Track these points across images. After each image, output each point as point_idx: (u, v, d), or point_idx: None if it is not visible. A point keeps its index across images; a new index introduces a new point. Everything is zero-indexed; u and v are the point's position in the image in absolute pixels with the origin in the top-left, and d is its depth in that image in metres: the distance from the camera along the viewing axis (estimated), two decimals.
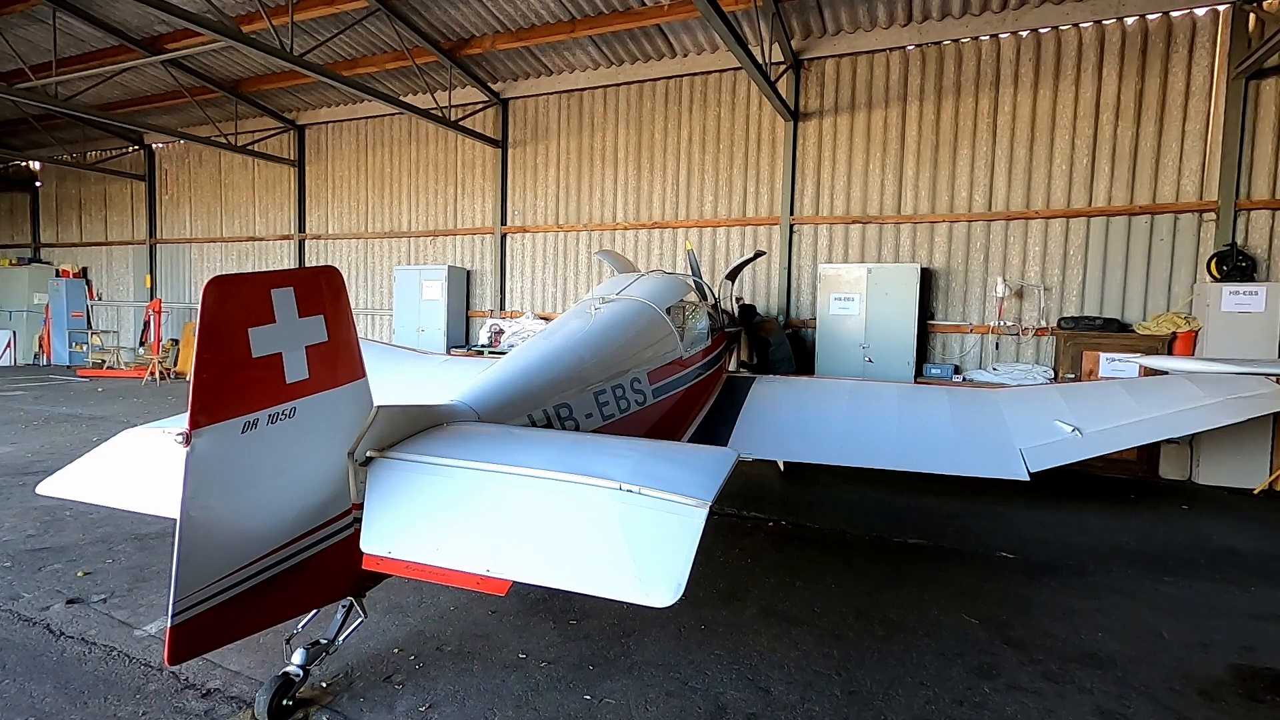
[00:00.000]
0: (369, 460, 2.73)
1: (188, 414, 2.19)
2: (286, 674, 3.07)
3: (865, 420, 5.24)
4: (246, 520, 2.44)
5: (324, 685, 3.28)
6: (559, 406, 3.83)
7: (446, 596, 4.25)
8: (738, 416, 5.49)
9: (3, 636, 3.72)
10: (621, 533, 2.29)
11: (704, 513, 2.20)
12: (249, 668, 3.41)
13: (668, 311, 5.32)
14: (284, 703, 3.03)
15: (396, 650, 3.62)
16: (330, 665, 3.45)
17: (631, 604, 2.18)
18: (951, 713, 3.14)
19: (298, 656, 3.12)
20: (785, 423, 5.39)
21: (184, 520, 2.21)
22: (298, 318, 2.47)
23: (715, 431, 5.27)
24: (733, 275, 8.71)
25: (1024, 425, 4.75)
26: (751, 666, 3.50)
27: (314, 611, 3.20)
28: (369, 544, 2.57)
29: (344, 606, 3.26)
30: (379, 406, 2.74)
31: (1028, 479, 4.21)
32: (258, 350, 2.34)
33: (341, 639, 3.25)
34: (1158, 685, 3.40)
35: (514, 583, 2.34)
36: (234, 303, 2.28)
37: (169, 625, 2.25)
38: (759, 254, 9.20)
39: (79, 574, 4.54)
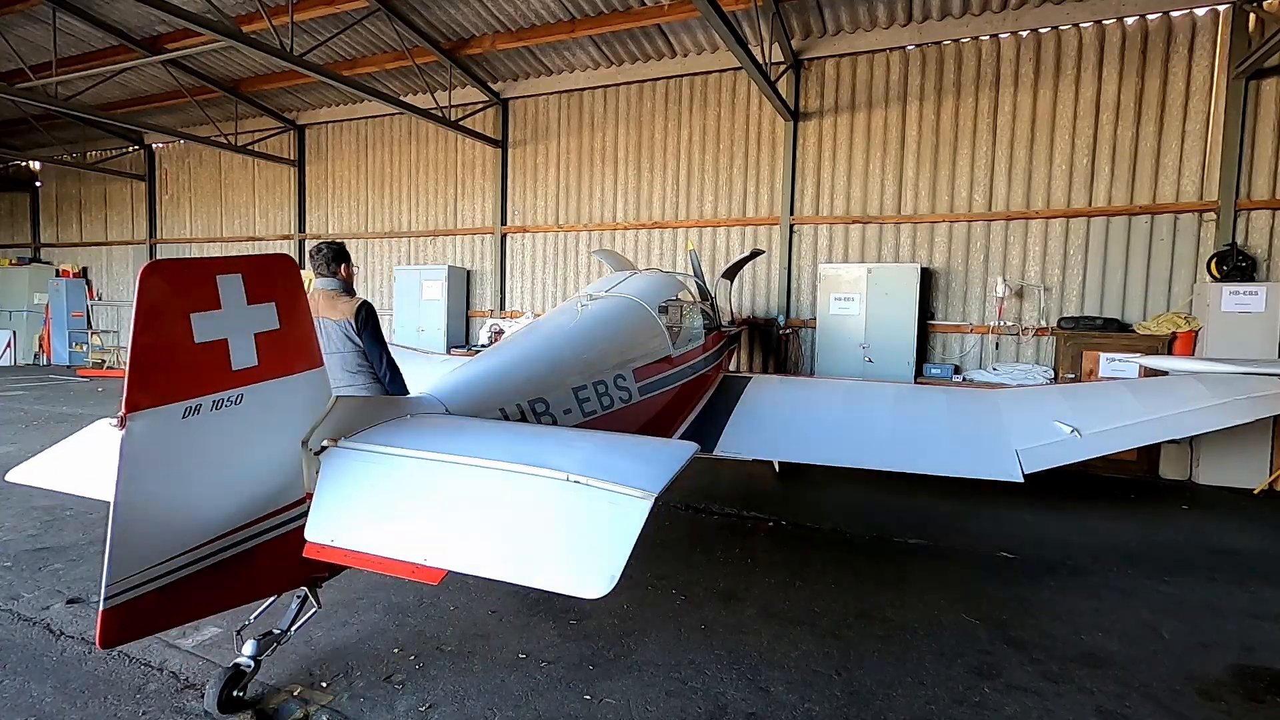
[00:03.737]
0: (324, 449, 2.72)
1: (123, 397, 2.19)
2: (237, 665, 3.08)
3: (859, 421, 5.20)
4: (187, 505, 2.44)
5: (324, 685, 3.28)
6: (534, 401, 3.78)
7: (446, 596, 4.25)
8: (730, 415, 5.45)
9: (3, 636, 3.72)
10: (562, 523, 2.28)
11: (648, 504, 2.17)
12: None
13: (659, 310, 5.31)
14: (234, 694, 3.04)
15: (396, 650, 3.62)
16: (330, 665, 3.45)
17: (632, 604, 2.17)
18: (951, 713, 3.14)
19: (248, 648, 3.13)
20: (777, 422, 5.36)
21: (118, 503, 2.21)
22: (246, 305, 2.48)
23: (706, 431, 5.24)
24: (730, 274, 8.60)
25: (1022, 426, 4.68)
26: (751, 666, 3.50)
27: (271, 600, 3.22)
28: (312, 532, 2.56)
29: (299, 597, 3.27)
30: (338, 396, 2.74)
31: (1021, 480, 4.16)
32: (201, 336, 2.34)
33: (294, 630, 3.26)
34: (1158, 685, 3.40)
35: (448, 572, 2.31)
36: (175, 287, 2.29)
37: (100, 608, 2.25)
38: (757, 252, 9.09)
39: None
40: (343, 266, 4.37)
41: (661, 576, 4.62)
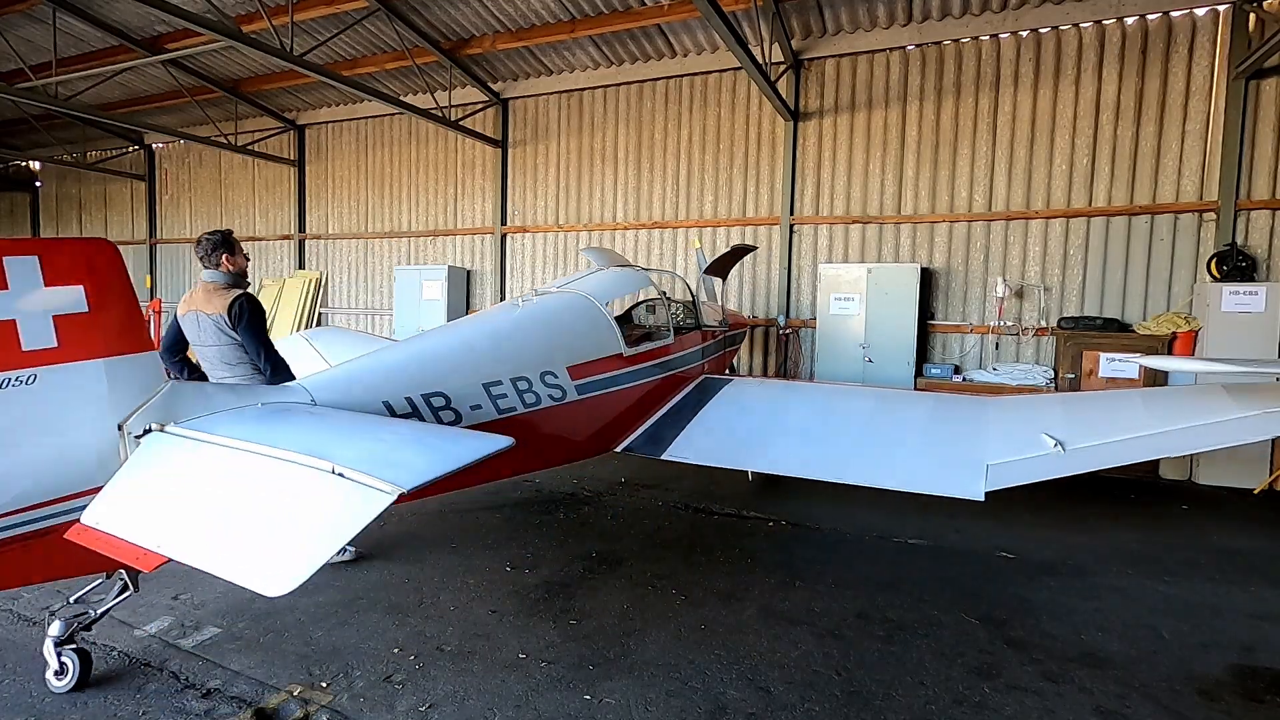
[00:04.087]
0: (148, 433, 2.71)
1: None
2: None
3: (826, 428, 4.86)
4: None
5: (324, 685, 3.28)
6: (431, 395, 3.68)
7: (446, 596, 4.25)
8: (694, 418, 5.16)
9: (3, 636, 3.72)
10: (301, 515, 2.23)
11: (387, 500, 2.09)
12: (249, 668, 3.42)
13: (610, 307, 5.12)
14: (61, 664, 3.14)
15: (396, 650, 3.62)
16: (330, 665, 3.45)
17: (632, 604, 2.15)
18: (951, 713, 3.15)
19: (55, 628, 3.19)
20: (740, 427, 5.03)
21: None
22: (42, 286, 2.50)
23: (665, 433, 4.98)
24: (715, 270, 8.20)
25: (1003, 437, 4.26)
26: (751, 666, 3.50)
27: (100, 579, 3.29)
28: (86, 514, 2.53)
29: (120, 580, 3.31)
30: (173, 382, 2.77)
31: (981, 499, 3.73)
32: None
33: (103, 612, 3.31)
34: (1158, 685, 3.40)
35: (167, 560, 2.26)
36: None
37: None
38: (745, 248, 8.52)
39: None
40: (226, 257, 4.17)
41: (661, 576, 4.63)
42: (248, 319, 4.03)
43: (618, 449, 4.88)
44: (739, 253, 8.42)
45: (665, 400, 5.47)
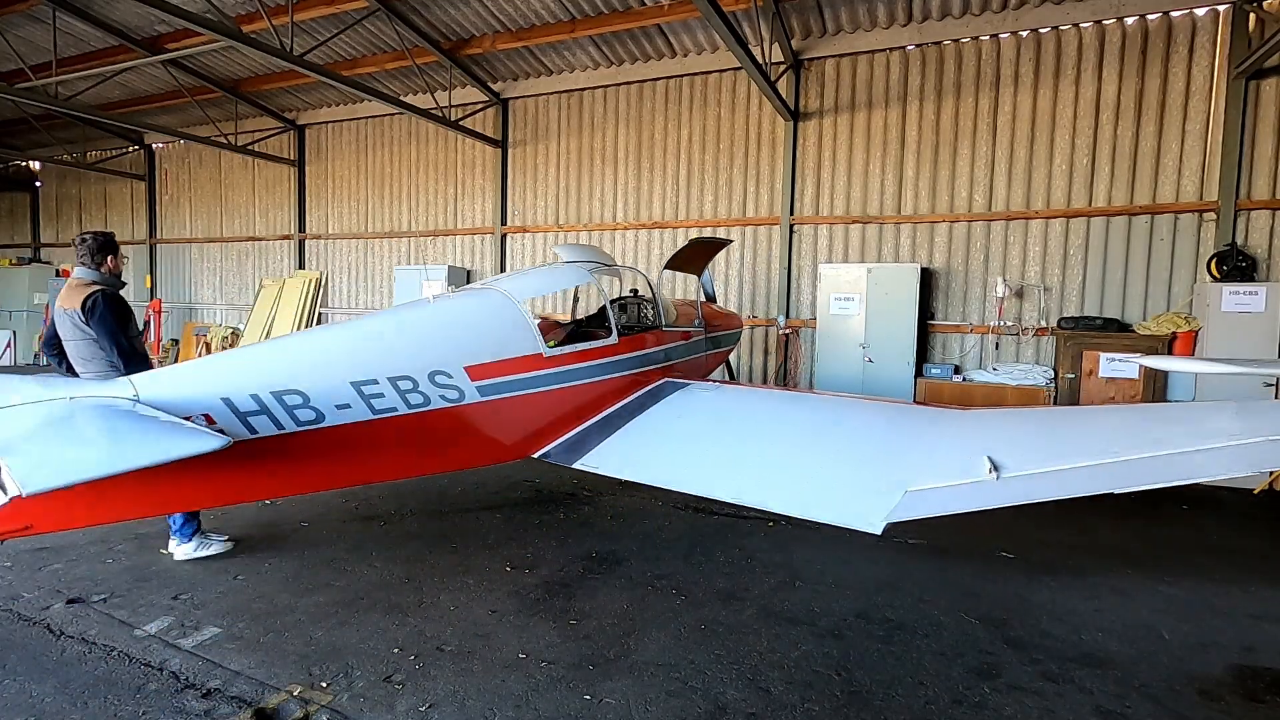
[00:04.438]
0: None
1: None
2: None
3: (751, 443, 4.49)
4: None
5: (324, 685, 3.28)
6: (285, 393, 3.51)
7: (446, 596, 4.25)
8: (626, 424, 4.80)
9: (3, 636, 3.72)
10: None
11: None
12: (249, 668, 3.42)
13: (528, 305, 4.87)
14: None
15: (396, 650, 3.61)
16: (330, 665, 3.45)
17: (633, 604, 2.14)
18: (951, 713, 3.14)
19: None
20: (663, 439, 4.68)
21: None
22: None
23: (586, 441, 4.69)
24: (678, 265, 7.27)
25: (939, 459, 3.75)
26: (751, 666, 3.50)
27: None
28: None
29: None
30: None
31: (877, 533, 3.28)
32: None
33: None
34: (1158, 685, 3.40)
35: None
36: None
37: None
38: (721, 242, 7.28)
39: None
40: (108, 259, 4.39)
41: (661, 576, 4.63)
42: (99, 314, 4.16)
43: (535, 455, 4.62)
44: (711, 246, 7.43)
45: (604, 405, 5.10)
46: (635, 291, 6.50)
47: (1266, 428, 3.20)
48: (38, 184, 18.45)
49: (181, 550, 4.76)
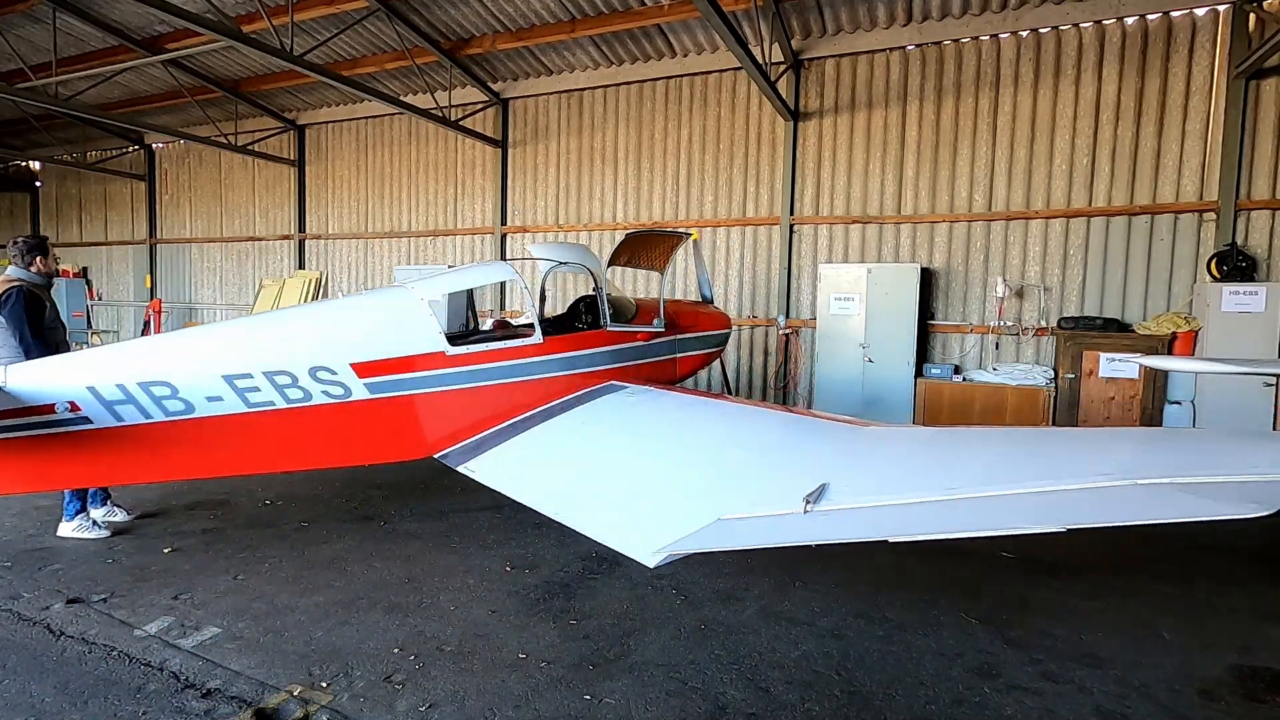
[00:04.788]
0: None
1: None
2: None
3: (620, 454, 4.29)
4: None
5: (324, 685, 3.28)
6: (153, 383, 3.74)
7: (446, 596, 4.25)
8: (525, 430, 4.64)
9: (3, 636, 3.72)
10: None
11: None
12: (249, 668, 3.41)
13: (440, 302, 4.85)
14: None
15: (396, 650, 3.61)
16: (330, 665, 3.45)
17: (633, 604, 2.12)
18: (951, 713, 3.14)
19: None
20: (553, 446, 4.50)
21: None
22: None
23: (485, 444, 4.57)
24: (624, 260, 6.93)
25: (780, 484, 3.29)
26: (751, 666, 3.50)
27: None
28: None
29: None
30: None
31: (649, 565, 2.87)
32: None
33: None
34: (1158, 685, 3.40)
35: None
36: None
37: None
38: (677, 236, 7.02)
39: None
40: (38, 259, 4.90)
41: (661, 576, 4.62)
42: (10, 306, 4.62)
43: (436, 456, 4.55)
44: (666, 240, 6.98)
45: (527, 407, 4.90)
46: (600, 288, 6.33)
47: (1157, 466, 2.66)
48: (38, 184, 18.45)
49: (63, 528, 5.09)
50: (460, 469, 4.38)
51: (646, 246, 7.08)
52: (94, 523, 5.15)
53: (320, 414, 4.13)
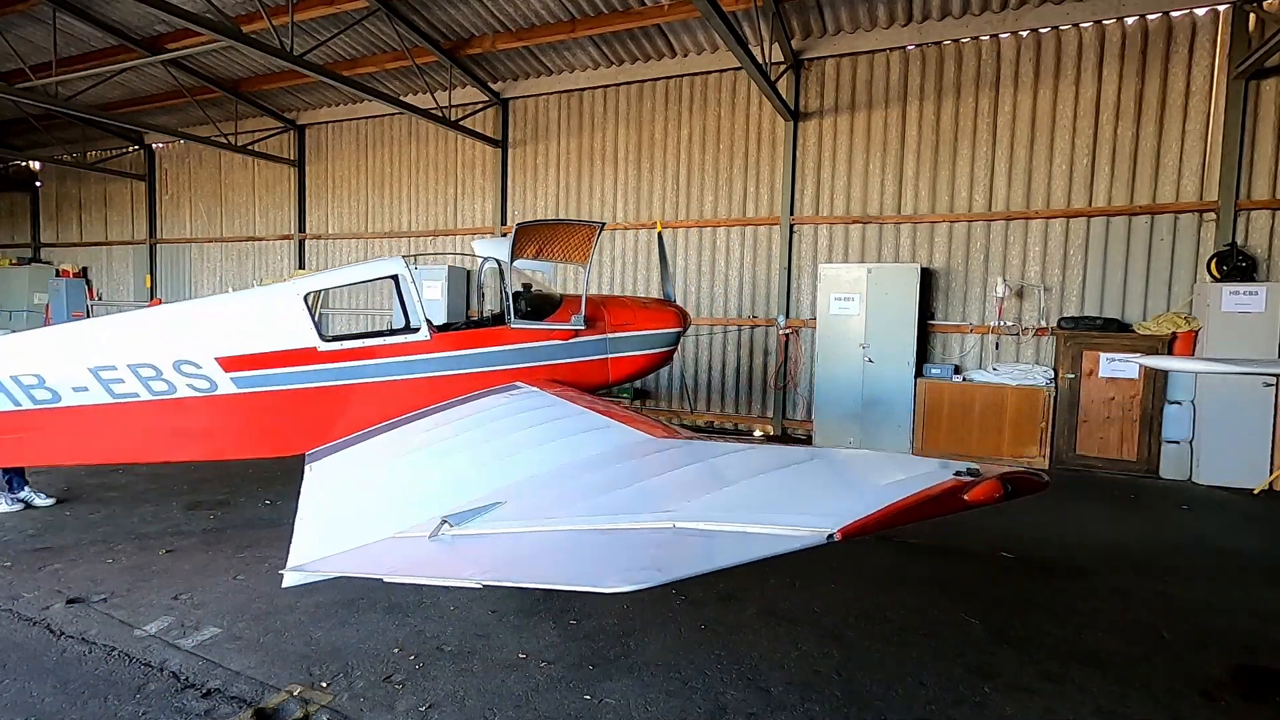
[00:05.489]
0: None
1: None
2: None
3: (397, 454, 4.02)
4: None
5: (324, 685, 3.28)
6: (23, 375, 3.97)
7: (446, 596, 4.25)
8: (387, 432, 4.39)
9: (3, 636, 3.72)
10: None
11: None
12: (249, 668, 3.42)
13: (308, 299, 4.63)
14: None
15: (396, 650, 3.62)
16: (330, 665, 3.45)
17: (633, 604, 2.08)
18: (951, 713, 3.14)
19: None
20: (387, 449, 4.21)
21: None
22: None
23: (344, 446, 4.38)
24: (522, 253, 5.83)
25: (471, 499, 2.73)
26: (751, 666, 3.50)
27: None
28: None
29: None
30: None
31: (283, 586, 2.55)
32: None
33: None
34: (1158, 685, 3.40)
35: None
36: None
37: None
38: (589, 225, 6.04)
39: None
40: None
41: None
42: None
43: (306, 454, 4.35)
44: (575, 230, 6.14)
45: (412, 405, 4.64)
46: (528, 286, 5.97)
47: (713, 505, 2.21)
48: (38, 184, 18.44)
49: None
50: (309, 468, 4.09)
51: (557, 238, 6.17)
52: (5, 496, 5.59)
53: (186, 407, 4.20)
